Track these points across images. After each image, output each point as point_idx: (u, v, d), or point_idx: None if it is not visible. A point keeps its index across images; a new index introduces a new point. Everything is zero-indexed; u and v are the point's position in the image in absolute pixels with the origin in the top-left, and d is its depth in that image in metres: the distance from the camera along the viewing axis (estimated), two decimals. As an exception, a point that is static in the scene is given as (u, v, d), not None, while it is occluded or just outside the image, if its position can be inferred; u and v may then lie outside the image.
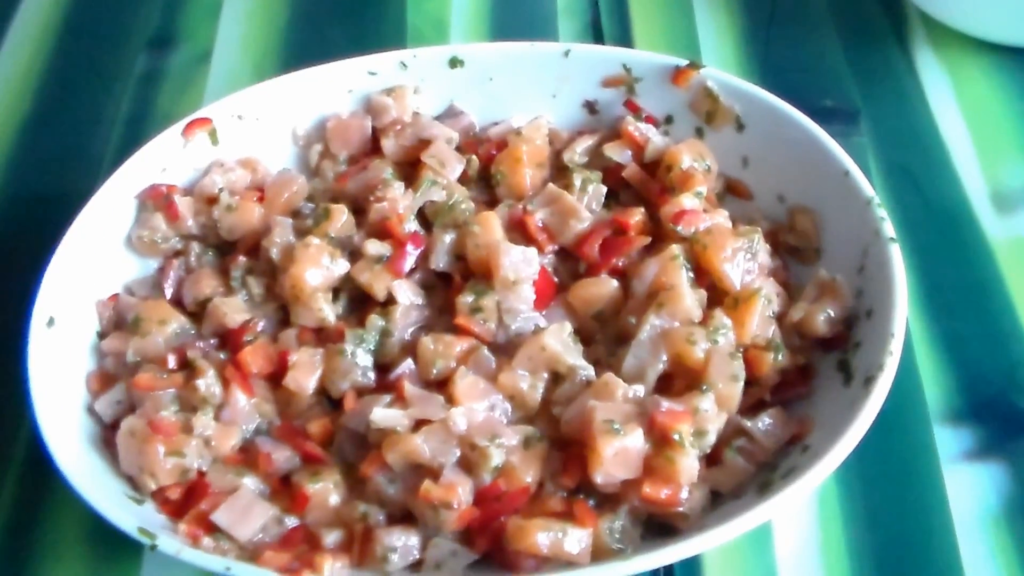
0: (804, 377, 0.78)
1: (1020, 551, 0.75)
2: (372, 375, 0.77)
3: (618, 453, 0.69)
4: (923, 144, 0.99)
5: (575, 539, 0.68)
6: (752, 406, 0.76)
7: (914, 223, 0.92)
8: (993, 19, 1.04)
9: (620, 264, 0.80)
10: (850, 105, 1.02)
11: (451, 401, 0.73)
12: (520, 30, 0.90)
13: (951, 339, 0.86)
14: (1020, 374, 0.84)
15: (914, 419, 0.81)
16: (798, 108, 0.85)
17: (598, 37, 1.10)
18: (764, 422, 0.74)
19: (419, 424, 0.72)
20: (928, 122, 1.01)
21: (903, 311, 0.73)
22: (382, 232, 0.82)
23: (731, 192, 0.88)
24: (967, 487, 0.78)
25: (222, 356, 0.79)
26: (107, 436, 0.76)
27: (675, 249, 0.78)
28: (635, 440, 0.69)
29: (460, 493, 0.69)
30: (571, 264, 0.82)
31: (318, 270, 0.79)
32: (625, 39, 1.09)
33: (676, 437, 0.69)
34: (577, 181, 0.84)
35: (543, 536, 0.68)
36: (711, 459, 0.73)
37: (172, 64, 1.10)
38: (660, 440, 0.69)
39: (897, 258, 0.76)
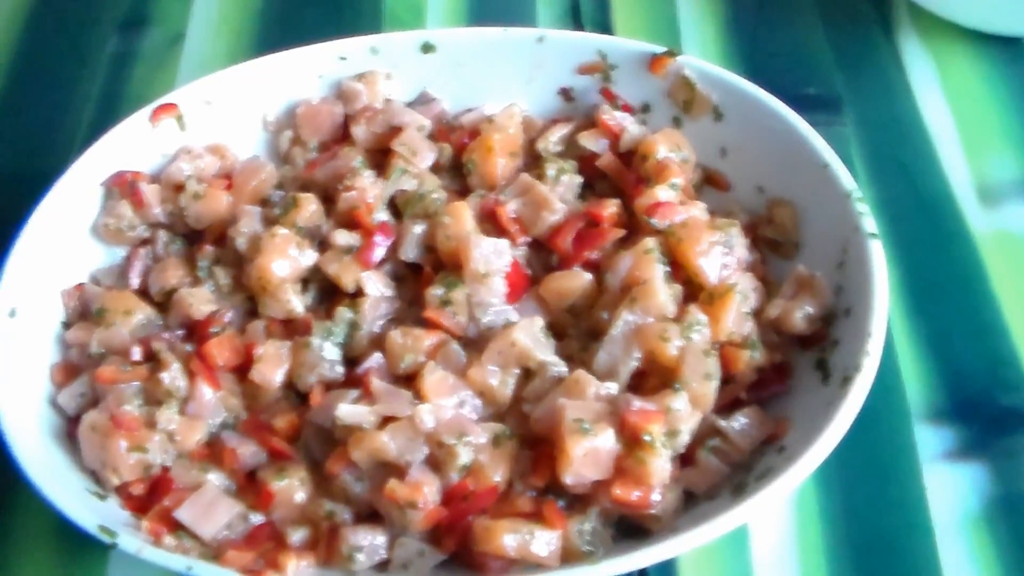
0: (781, 375, 0.76)
1: (999, 553, 0.74)
2: (340, 369, 0.76)
3: (588, 453, 0.67)
4: (907, 134, 0.97)
5: (543, 541, 0.67)
6: (728, 404, 0.74)
7: (897, 215, 0.91)
8: (980, 7, 1.02)
9: (594, 257, 0.79)
10: (833, 93, 1.00)
11: (419, 396, 0.72)
12: (497, 15, 0.88)
13: (934, 335, 0.84)
14: (1003, 371, 0.82)
15: (895, 417, 0.80)
16: (780, 96, 0.83)
17: (577, 23, 1.07)
18: (739, 422, 0.72)
19: (386, 421, 0.70)
20: (912, 111, 0.99)
21: (883, 310, 0.72)
22: (351, 222, 0.80)
23: (709, 183, 0.86)
24: (947, 487, 0.77)
25: (188, 348, 0.77)
26: (70, 430, 0.75)
27: (649, 242, 0.76)
28: (605, 440, 0.68)
29: (427, 492, 0.68)
30: (544, 256, 0.81)
31: (285, 261, 0.78)
32: (604, 25, 1.07)
33: (647, 438, 0.68)
34: (551, 171, 0.82)
35: (510, 538, 0.66)
36: (685, 459, 0.72)
37: (144, 46, 1.08)
38: (631, 440, 0.68)
39: (878, 255, 0.74)
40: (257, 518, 0.71)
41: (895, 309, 0.85)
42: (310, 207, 0.80)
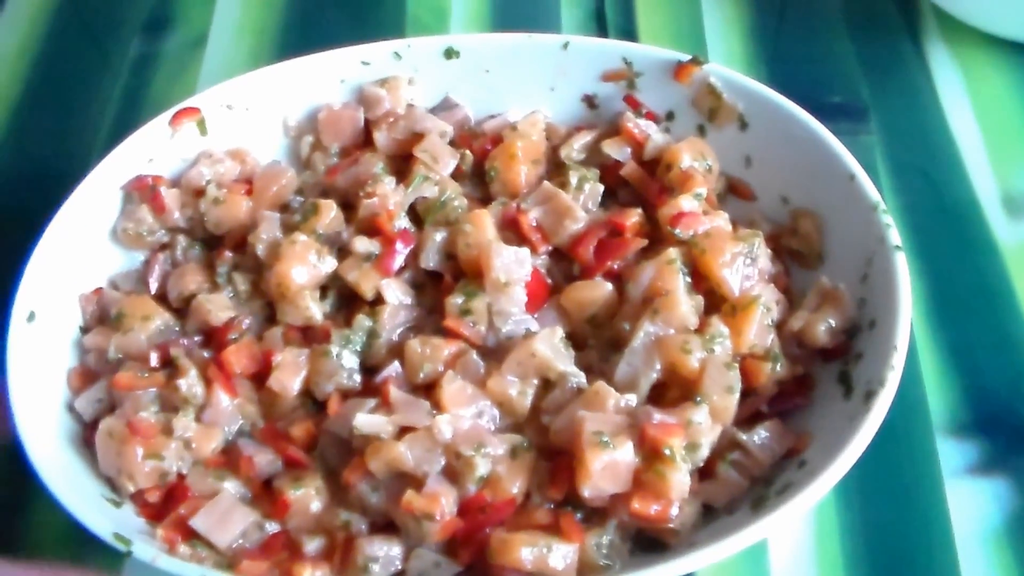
0: (803, 388, 0.75)
1: (1022, 568, 0.73)
2: (358, 377, 0.76)
3: (607, 467, 0.67)
4: (934, 144, 0.96)
5: (560, 555, 0.66)
6: (749, 417, 0.74)
7: (922, 225, 0.90)
8: (1009, 15, 1.01)
9: (616, 267, 0.78)
10: (859, 102, 0.99)
11: (437, 407, 0.71)
12: (522, 20, 0.88)
13: (957, 347, 0.83)
14: (1027, 385, 0.81)
15: (917, 431, 0.79)
16: (806, 104, 0.83)
17: (601, 28, 1.07)
18: (760, 435, 0.72)
19: (404, 431, 0.70)
20: (939, 121, 0.98)
21: (907, 323, 0.71)
22: (371, 229, 0.80)
23: (733, 192, 0.85)
24: (970, 502, 0.76)
25: (206, 354, 0.77)
26: (87, 435, 0.74)
27: (672, 253, 0.75)
28: (625, 454, 0.67)
29: (443, 504, 0.68)
30: (565, 265, 0.80)
31: (304, 268, 0.77)
32: (629, 31, 1.06)
33: (667, 452, 0.67)
34: (573, 179, 0.82)
35: (527, 551, 0.66)
36: (704, 472, 0.71)
37: (167, 48, 1.08)
38: (651, 454, 0.67)
39: (902, 267, 0.73)
40: (272, 527, 0.71)
41: (918, 320, 0.84)
42: (330, 213, 0.80)
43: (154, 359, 0.76)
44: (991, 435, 0.79)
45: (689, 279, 0.76)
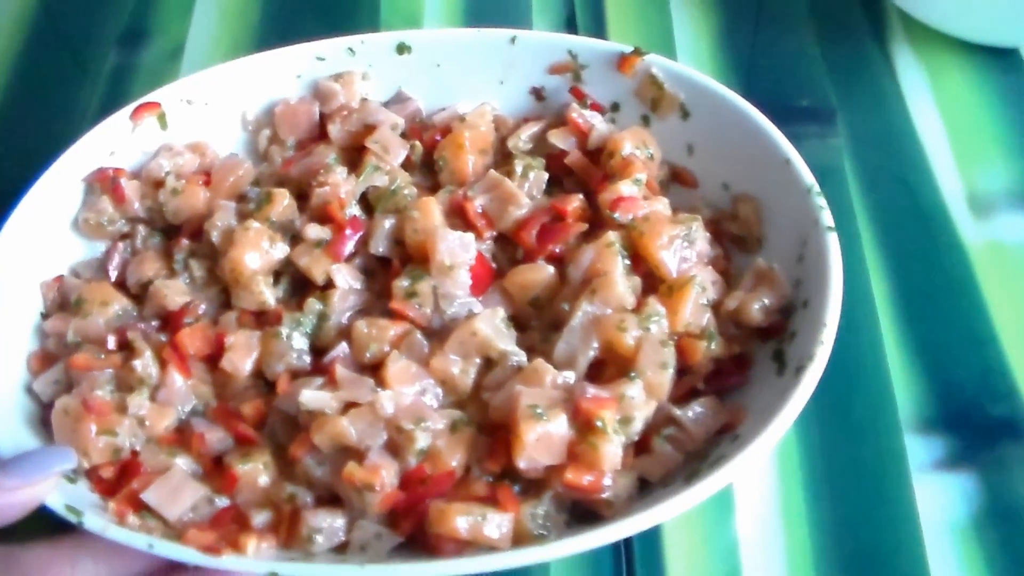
0: (740, 366, 0.77)
1: (988, 562, 0.75)
2: (308, 358, 0.78)
3: (541, 438, 0.69)
4: (900, 146, 0.98)
5: (495, 524, 0.68)
6: (686, 394, 0.75)
7: (890, 225, 0.91)
8: (973, 19, 1.03)
9: (557, 251, 0.80)
10: (826, 105, 1.01)
11: (382, 385, 0.73)
12: (493, 25, 0.90)
13: (924, 344, 0.85)
14: (993, 381, 0.83)
15: (885, 427, 0.80)
16: (774, 108, 0.84)
17: (572, 33, 1.08)
18: (695, 411, 0.73)
19: (348, 407, 0.72)
20: (905, 123, 0.99)
21: (837, 301, 0.73)
22: (323, 216, 0.82)
23: (676, 180, 0.87)
24: (937, 497, 0.77)
25: (163, 338, 0.79)
26: (45, 415, 0.76)
27: (611, 236, 0.77)
28: (558, 426, 0.69)
29: (384, 476, 0.69)
30: (510, 250, 0.82)
31: (257, 253, 0.79)
32: (600, 35, 1.08)
33: (599, 424, 0.69)
34: (519, 168, 0.84)
35: (463, 520, 0.67)
36: (640, 447, 0.73)
37: (144, 59, 1.09)
38: (584, 426, 0.69)
39: (834, 248, 0.75)
40: (222, 501, 0.72)
41: (886, 319, 0.86)
42: (283, 202, 0.82)
43: (111, 342, 0.78)
44: (958, 431, 0.81)
45: (628, 261, 0.78)
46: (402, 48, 0.91)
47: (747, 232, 0.83)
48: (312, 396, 0.72)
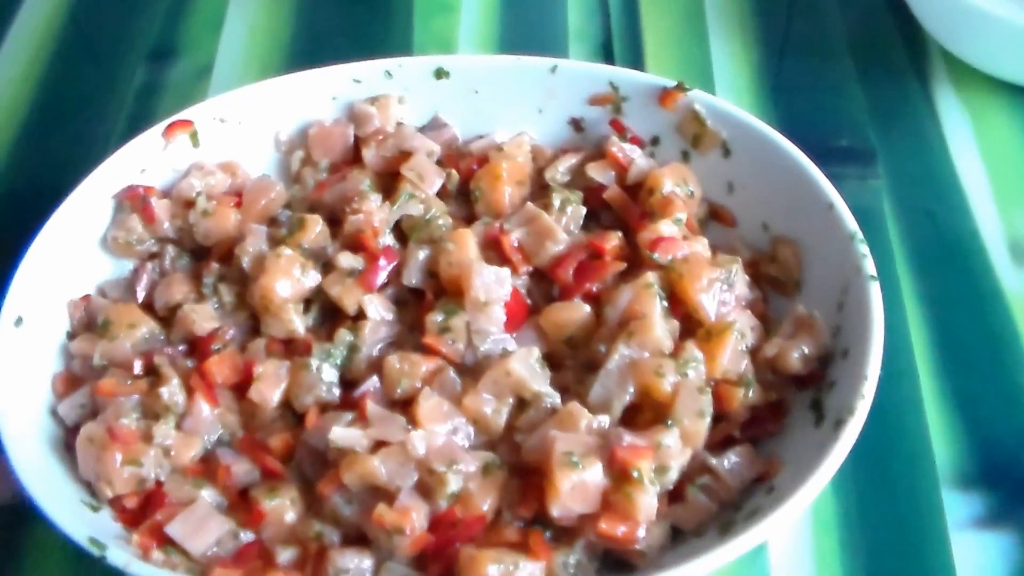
0: (776, 414, 0.76)
1: (1026, 623, 0.74)
2: (337, 391, 0.76)
3: (576, 487, 0.68)
4: (941, 189, 0.96)
5: (527, 572, 0.67)
6: (720, 442, 0.74)
7: (929, 271, 0.90)
8: (1017, 60, 1.00)
9: (594, 289, 0.79)
10: (867, 145, 0.99)
11: (413, 422, 0.72)
12: (529, 52, 0.89)
13: (964, 397, 0.83)
14: (1033, 437, 0.81)
15: (923, 482, 0.79)
16: (814, 148, 0.83)
17: (609, 62, 1.07)
18: (730, 460, 0.72)
19: (379, 445, 0.71)
20: (946, 166, 0.98)
21: (878, 353, 0.72)
22: (356, 245, 0.81)
23: (715, 218, 0.86)
24: (975, 555, 0.76)
25: (189, 364, 0.78)
26: (69, 440, 0.75)
27: (650, 277, 0.76)
28: (594, 475, 0.68)
29: (414, 518, 0.68)
30: (545, 287, 0.81)
31: (288, 281, 0.78)
32: (637, 65, 1.06)
33: (636, 474, 0.68)
34: (556, 201, 0.83)
35: (494, 568, 0.66)
36: (674, 495, 0.72)
37: (172, 77, 1.08)
38: (620, 475, 0.68)
39: (876, 297, 0.74)
40: (247, 536, 0.71)
41: (924, 369, 0.84)
42: (315, 228, 0.81)
43: (138, 367, 0.77)
44: (997, 488, 0.79)
45: (666, 303, 0.76)
46: (440, 73, 0.89)
47: (786, 276, 0.81)
48: (342, 434, 0.71)
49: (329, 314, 0.81)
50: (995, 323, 0.87)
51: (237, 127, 0.88)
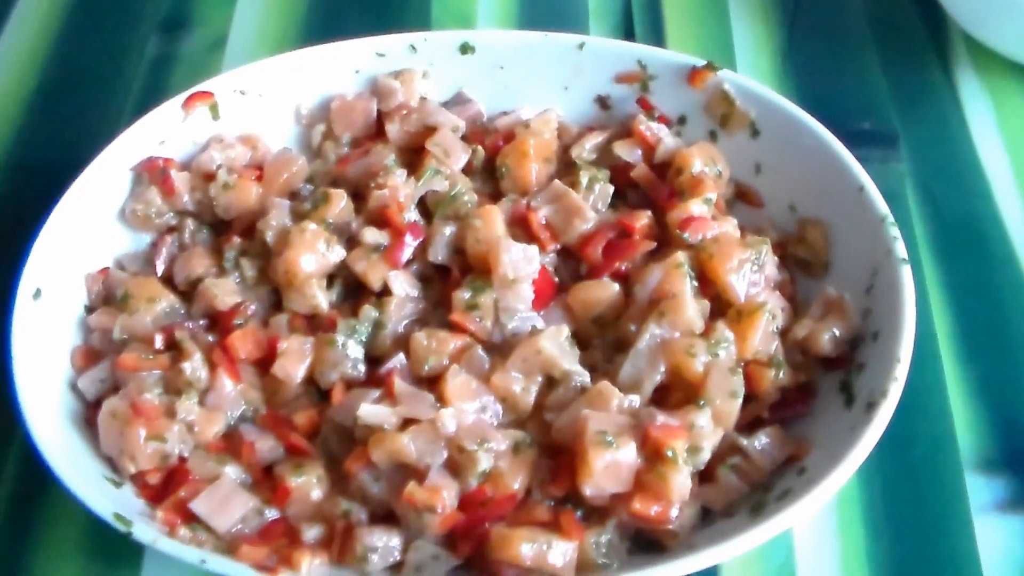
0: (804, 396, 0.76)
1: (1050, 606, 0.73)
2: (362, 368, 0.76)
3: (609, 466, 0.67)
4: (963, 174, 0.96)
5: (559, 552, 0.67)
6: (750, 423, 0.74)
7: (950, 256, 0.90)
8: None
9: (623, 268, 0.78)
10: (889, 129, 0.99)
11: (441, 400, 0.71)
12: (548, 29, 0.88)
13: (987, 382, 0.83)
14: (1056, 422, 0.81)
15: (946, 466, 0.79)
16: (836, 131, 0.82)
17: (629, 41, 1.05)
18: (761, 441, 0.72)
19: (407, 423, 0.70)
20: (969, 151, 0.97)
21: (911, 335, 0.72)
22: (381, 220, 0.80)
23: (741, 199, 0.86)
24: (998, 538, 0.76)
25: (211, 338, 0.77)
26: (89, 415, 0.75)
27: (680, 257, 0.76)
28: (627, 454, 0.67)
29: (445, 497, 0.68)
30: (573, 265, 0.80)
31: (313, 256, 0.77)
32: (658, 44, 1.05)
33: (670, 453, 0.67)
34: (584, 179, 0.82)
35: (527, 547, 0.66)
36: (704, 475, 0.71)
37: (185, 48, 1.06)
38: (653, 455, 0.68)
39: (908, 280, 0.74)
40: (272, 513, 0.71)
41: (947, 355, 0.84)
42: (340, 203, 0.80)
43: (159, 341, 0.76)
44: (1020, 472, 0.79)
45: (696, 283, 0.76)
46: (465, 48, 0.88)
47: (814, 257, 0.81)
48: (371, 411, 0.70)
49: (352, 290, 0.80)
50: (1017, 308, 0.87)
51: (258, 99, 0.87)
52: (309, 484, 0.71)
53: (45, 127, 1.00)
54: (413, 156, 0.85)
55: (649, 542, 0.70)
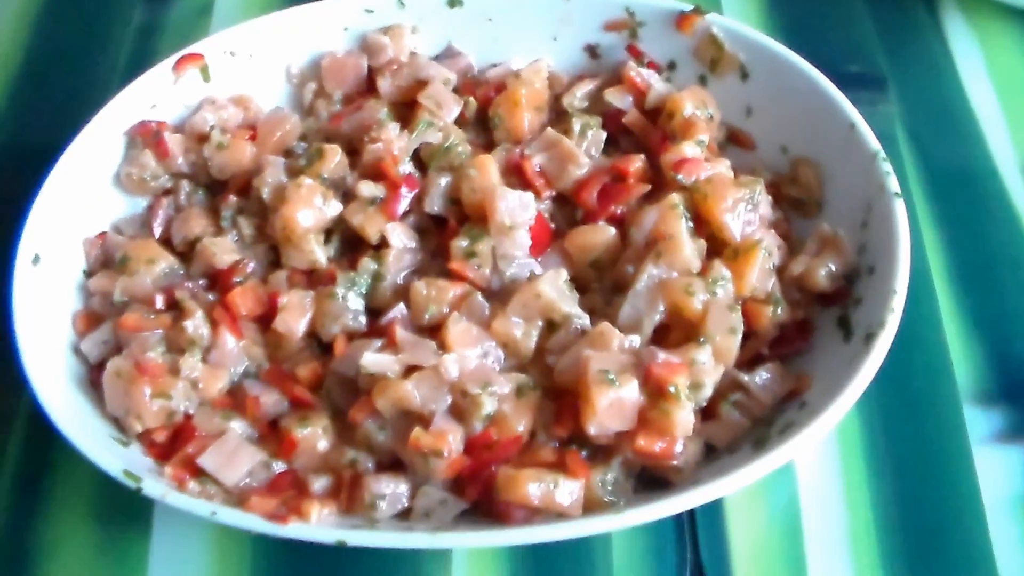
0: (803, 332, 0.76)
1: (1051, 534, 0.74)
2: (363, 319, 0.76)
3: (612, 404, 0.68)
4: (952, 114, 0.96)
5: (566, 490, 0.67)
6: (749, 360, 0.74)
7: (942, 194, 0.90)
8: None
9: (618, 212, 0.79)
10: (877, 71, 0.99)
11: (443, 347, 0.72)
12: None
13: (981, 316, 0.84)
14: (1052, 353, 0.82)
15: (944, 400, 0.80)
16: (824, 73, 0.82)
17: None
18: (761, 376, 0.73)
19: (410, 370, 0.71)
20: (957, 91, 0.98)
21: (906, 268, 0.72)
22: (376, 174, 0.80)
23: (733, 142, 0.86)
24: (997, 469, 0.77)
25: (211, 297, 0.77)
26: (93, 377, 0.75)
27: (675, 198, 0.76)
28: (630, 392, 0.68)
29: (451, 441, 0.68)
30: (568, 210, 0.81)
31: (310, 211, 0.77)
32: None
33: (672, 390, 0.68)
34: (576, 126, 0.82)
35: (534, 487, 0.66)
36: (706, 412, 0.72)
37: (171, 16, 1.06)
38: (655, 392, 0.68)
39: (901, 214, 0.74)
40: (279, 466, 0.71)
41: (942, 290, 0.85)
42: (335, 158, 0.80)
43: (160, 302, 0.77)
44: (1017, 403, 0.80)
45: (691, 224, 0.76)
46: (453, 2, 0.89)
47: (807, 196, 0.82)
48: (374, 359, 0.71)
49: (350, 244, 0.80)
50: (1009, 243, 0.88)
51: (248, 60, 0.87)
52: (315, 435, 0.71)
53: (33, 100, 1.00)
54: (406, 111, 0.86)
55: (654, 479, 0.70)
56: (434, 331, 0.74)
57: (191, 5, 1.07)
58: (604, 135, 0.83)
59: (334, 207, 0.78)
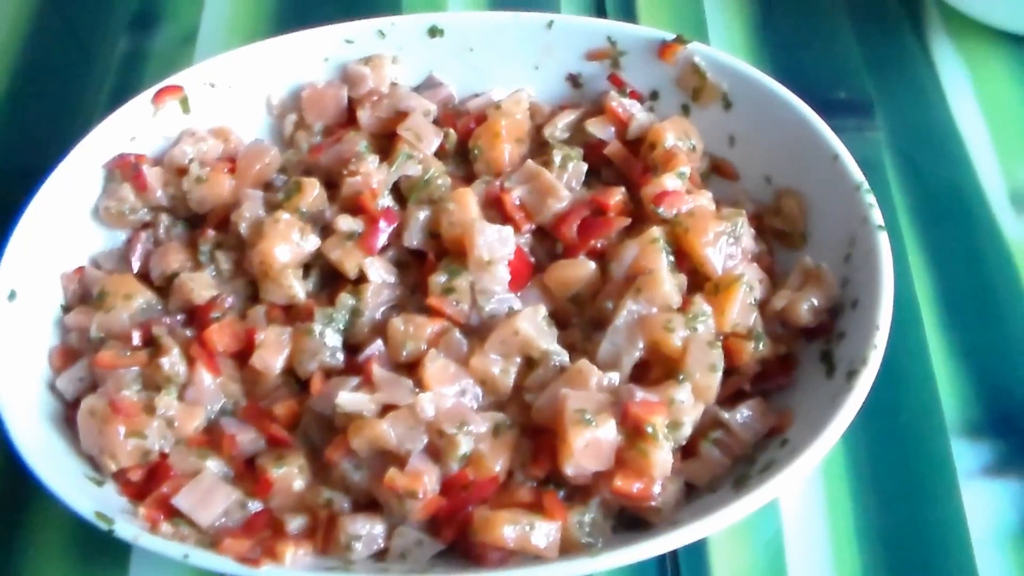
0: (785, 367, 0.76)
1: (1038, 570, 0.73)
2: (341, 356, 0.75)
3: (589, 445, 0.67)
4: (940, 140, 0.95)
5: (543, 532, 0.66)
6: (731, 396, 0.74)
7: (930, 222, 0.89)
8: (1013, 9, 0.99)
9: (599, 245, 0.78)
10: (864, 97, 0.98)
11: (420, 385, 0.71)
12: (521, 8, 0.87)
13: (969, 347, 0.83)
14: (1040, 384, 0.81)
15: (931, 432, 0.79)
16: (811, 100, 0.82)
17: (601, 17, 1.05)
18: (743, 414, 0.72)
19: (387, 409, 0.70)
20: (945, 117, 0.97)
21: (889, 303, 0.71)
22: (355, 207, 0.79)
23: (716, 172, 0.85)
24: (985, 503, 0.76)
25: (189, 333, 0.77)
26: (69, 414, 0.74)
27: (655, 232, 0.75)
28: (607, 432, 0.67)
29: (426, 481, 0.68)
30: (548, 244, 0.80)
31: (287, 246, 0.77)
32: (630, 20, 1.04)
33: (649, 429, 0.67)
34: (557, 158, 0.82)
35: (510, 529, 0.66)
36: (687, 451, 0.71)
37: (156, 44, 1.06)
38: (633, 432, 0.67)
39: (885, 247, 0.73)
40: (255, 505, 0.71)
41: (929, 321, 0.84)
42: (313, 192, 0.80)
43: (136, 338, 0.76)
44: (1005, 435, 0.79)
45: (672, 258, 0.75)
46: (434, 31, 0.88)
47: (791, 228, 0.81)
48: (349, 398, 0.70)
49: (328, 279, 0.79)
50: (997, 272, 0.87)
51: (228, 91, 0.87)
52: (291, 475, 0.71)
53: (16, 128, 0.99)
54: (386, 142, 0.85)
55: (633, 519, 0.70)
56: (412, 368, 0.73)
57: (175, 33, 1.07)
58: (585, 167, 0.82)
59: (312, 242, 0.78)
